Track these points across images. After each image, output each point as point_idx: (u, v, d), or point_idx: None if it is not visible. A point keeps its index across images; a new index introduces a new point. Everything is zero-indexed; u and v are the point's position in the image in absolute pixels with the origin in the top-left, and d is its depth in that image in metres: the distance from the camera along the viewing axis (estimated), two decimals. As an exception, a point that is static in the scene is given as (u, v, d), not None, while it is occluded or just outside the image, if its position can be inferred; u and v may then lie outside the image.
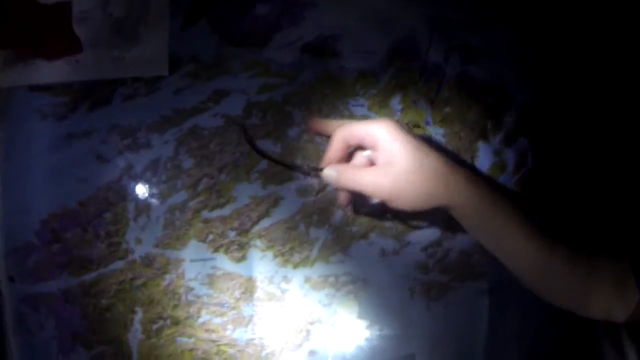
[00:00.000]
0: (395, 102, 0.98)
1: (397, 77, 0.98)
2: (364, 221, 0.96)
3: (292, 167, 0.91)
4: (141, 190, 0.88)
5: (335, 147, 0.75)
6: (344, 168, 0.73)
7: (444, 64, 1.00)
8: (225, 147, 0.91)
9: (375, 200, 0.74)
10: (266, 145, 0.92)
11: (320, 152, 0.93)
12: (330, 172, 0.74)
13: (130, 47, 0.87)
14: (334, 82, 0.95)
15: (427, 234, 0.99)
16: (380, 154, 0.70)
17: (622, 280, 0.73)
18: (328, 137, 0.79)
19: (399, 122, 0.74)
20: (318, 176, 0.83)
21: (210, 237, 0.90)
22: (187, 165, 0.90)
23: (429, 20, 1.00)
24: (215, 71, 0.91)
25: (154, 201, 0.88)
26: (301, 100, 0.93)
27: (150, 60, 0.88)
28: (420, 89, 0.99)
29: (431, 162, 0.68)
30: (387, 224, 0.97)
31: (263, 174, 0.92)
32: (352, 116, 0.95)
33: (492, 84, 1.02)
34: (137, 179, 0.88)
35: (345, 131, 0.74)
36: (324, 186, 0.93)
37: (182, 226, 0.89)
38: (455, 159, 0.79)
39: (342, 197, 0.82)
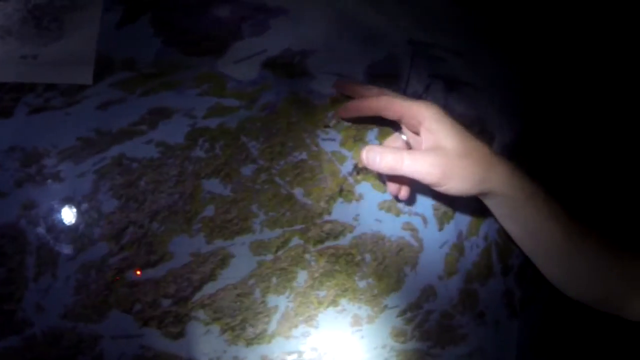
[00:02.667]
0: (372, 136, 0.82)
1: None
2: (331, 284, 0.79)
3: None
4: (46, 239, 0.67)
5: (365, 112, 0.76)
6: (385, 150, 0.70)
7: (425, 94, 0.87)
8: (160, 186, 0.71)
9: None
10: (214, 185, 0.72)
11: (282, 195, 0.76)
12: (372, 155, 0.70)
13: (47, 42, 0.67)
14: (301, 108, 0.78)
15: (406, 295, 0.84)
16: (426, 137, 0.69)
17: None
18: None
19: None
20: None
21: (138, 306, 0.70)
22: (109, 207, 0.69)
23: (411, 43, 0.87)
24: (154, 83, 0.71)
25: (62, 255, 0.67)
26: (260, 130, 0.75)
27: (72, 62, 0.68)
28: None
29: (479, 147, 0.68)
30: (361, 284, 0.80)
31: (208, 223, 0.73)
32: (321, 152, 0.78)
33: (475, 118, 0.92)
34: (41, 223, 0.67)
35: (385, 102, 0.73)
36: (284, 241, 0.76)
37: (100, 291, 0.68)
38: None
39: (393, 188, 0.79)
